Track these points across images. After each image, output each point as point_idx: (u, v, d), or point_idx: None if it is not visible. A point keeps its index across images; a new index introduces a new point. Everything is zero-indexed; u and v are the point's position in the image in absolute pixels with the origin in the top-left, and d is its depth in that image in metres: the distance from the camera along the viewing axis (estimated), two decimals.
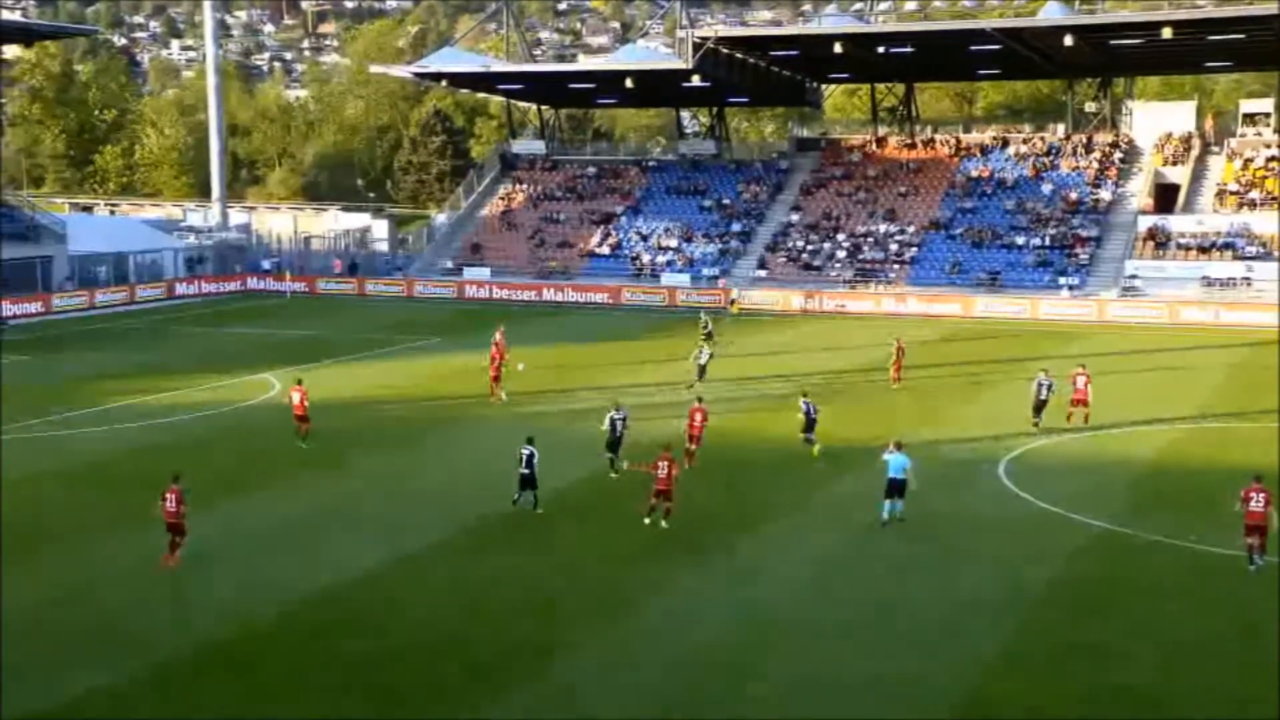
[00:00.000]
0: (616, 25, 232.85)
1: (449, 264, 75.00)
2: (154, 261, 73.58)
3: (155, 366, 46.92)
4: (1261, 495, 22.86)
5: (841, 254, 69.02)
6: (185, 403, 39.44)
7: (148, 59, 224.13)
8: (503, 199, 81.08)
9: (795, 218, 73.16)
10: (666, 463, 25.11)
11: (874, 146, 78.03)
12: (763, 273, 68.93)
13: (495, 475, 30.05)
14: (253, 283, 74.38)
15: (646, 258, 72.12)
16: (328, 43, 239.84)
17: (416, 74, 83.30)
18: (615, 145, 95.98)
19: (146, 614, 21.29)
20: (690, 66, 68.08)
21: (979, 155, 75.05)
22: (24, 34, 73.36)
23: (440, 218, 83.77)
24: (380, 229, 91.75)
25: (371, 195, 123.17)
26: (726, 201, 76.09)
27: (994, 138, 76.94)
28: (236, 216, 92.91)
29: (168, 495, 23.35)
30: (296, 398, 33.31)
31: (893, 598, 22.03)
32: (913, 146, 77.24)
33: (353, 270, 75.48)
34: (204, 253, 77.88)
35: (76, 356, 50.65)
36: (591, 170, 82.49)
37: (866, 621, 20.95)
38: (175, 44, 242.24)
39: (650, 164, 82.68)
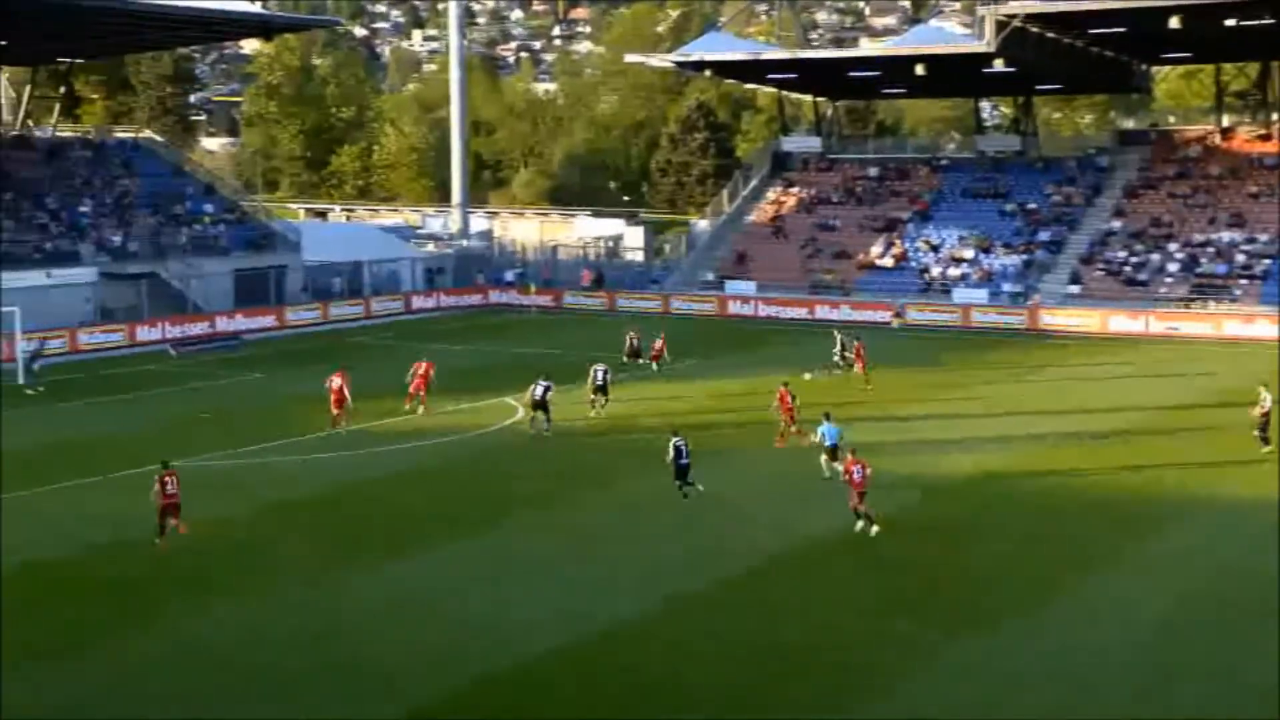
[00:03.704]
0: (905, 3, 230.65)
1: (710, 276, 75.83)
2: (391, 272, 77.06)
3: (393, 387, 49.06)
4: None
5: (1174, 267, 66.49)
6: (424, 427, 41.19)
7: (388, 50, 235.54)
8: (772, 203, 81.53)
9: (1117, 225, 70.99)
10: (860, 465, 27.92)
11: (1218, 139, 75.04)
12: (1075, 289, 66.97)
13: (767, 507, 30.25)
14: (495, 296, 77.02)
15: (936, 271, 71.16)
16: (579, 30, 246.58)
17: (677, 63, 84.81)
18: (902, 142, 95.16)
19: (397, 650, 22.46)
20: (992, 49, 66.81)
21: None
22: (264, 27, 78.17)
23: (701, 224, 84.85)
24: (634, 237, 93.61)
25: (625, 199, 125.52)
26: (1033, 206, 74.48)
27: None
28: (478, 223, 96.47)
29: (167, 479, 27.45)
30: (337, 383, 39.97)
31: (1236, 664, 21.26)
32: (1268, 138, 73.76)
33: (598, 283, 77.22)
34: (444, 263, 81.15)
35: (312, 374, 53.45)
36: (874, 171, 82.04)
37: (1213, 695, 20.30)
38: (417, 34, 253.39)
39: (943, 163, 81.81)
